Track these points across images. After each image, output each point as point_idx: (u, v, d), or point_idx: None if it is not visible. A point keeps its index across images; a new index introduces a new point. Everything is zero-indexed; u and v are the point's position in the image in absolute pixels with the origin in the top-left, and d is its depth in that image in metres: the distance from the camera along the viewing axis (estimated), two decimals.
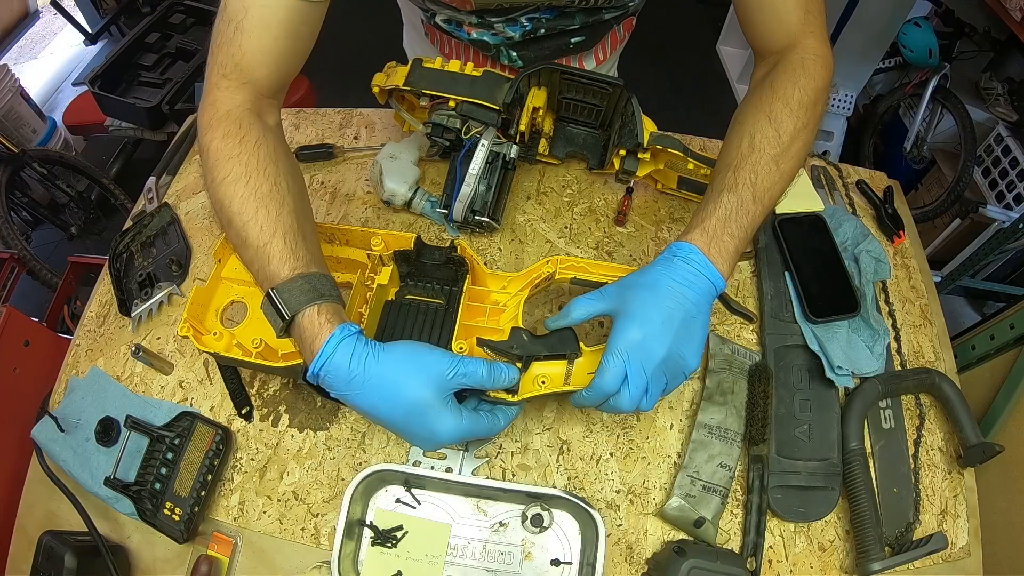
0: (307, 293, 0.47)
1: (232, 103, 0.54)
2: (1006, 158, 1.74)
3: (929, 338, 0.72)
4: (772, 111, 0.55)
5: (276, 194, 0.51)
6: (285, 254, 0.49)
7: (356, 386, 0.46)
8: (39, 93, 2.46)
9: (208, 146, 0.52)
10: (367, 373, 0.46)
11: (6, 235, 1.61)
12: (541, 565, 0.55)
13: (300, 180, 0.56)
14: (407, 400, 0.47)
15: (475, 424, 0.50)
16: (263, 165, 0.51)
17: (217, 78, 0.54)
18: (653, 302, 0.49)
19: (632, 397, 0.48)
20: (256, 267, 0.50)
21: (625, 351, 0.48)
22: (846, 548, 0.59)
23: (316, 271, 0.49)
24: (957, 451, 0.64)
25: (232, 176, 0.50)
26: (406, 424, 0.48)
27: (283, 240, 0.49)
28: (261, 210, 0.49)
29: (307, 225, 0.53)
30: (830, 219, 0.74)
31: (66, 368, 0.70)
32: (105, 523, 0.60)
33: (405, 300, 0.64)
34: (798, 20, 0.58)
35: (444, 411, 0.48)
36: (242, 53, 0.53)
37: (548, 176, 0.81)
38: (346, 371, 0.46)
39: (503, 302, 0.63)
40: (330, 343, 0.46)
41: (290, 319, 0.47)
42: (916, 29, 1.84)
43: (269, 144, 0.53)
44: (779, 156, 0.53)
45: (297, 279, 0.48)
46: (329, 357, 0.46)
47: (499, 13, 0.68)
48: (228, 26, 0.53)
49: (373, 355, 0.47)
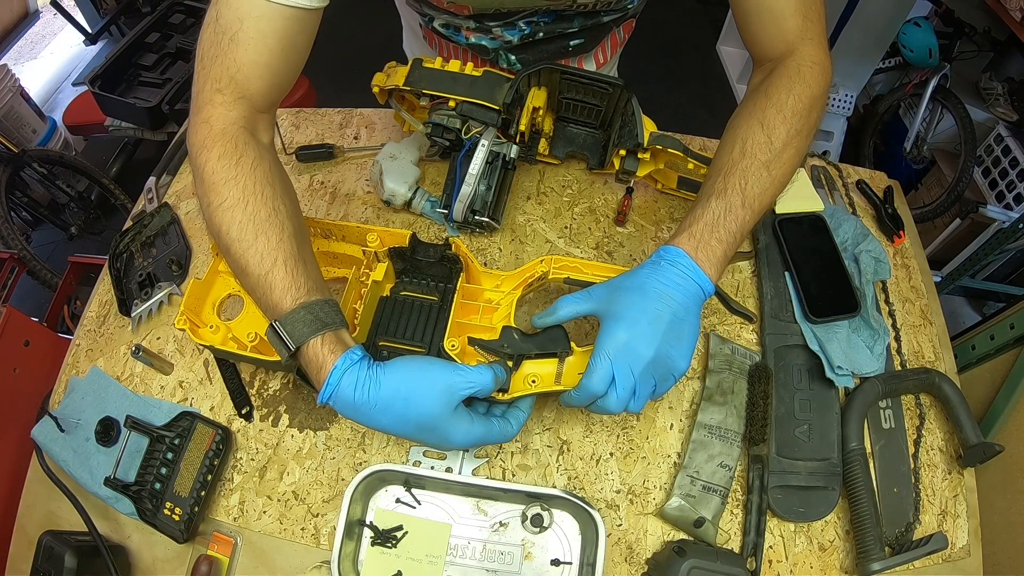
0: (310, 324, 0.48)
1: (227, 120, 0.53)
2: (1006, 158, 1.74)
3: (929, 338, 0.72)
4: (765, 117, 0.55)
5: (275, 219, 0.50)
6: (287, 283, 0.49)
7: (364, 411, 0.47)
8: (39, 93, 2.46)
9: (203, 168, 0.51)
10: (372, 399, 0.47)
11: (6, 235, 1.61)
12: (541, 565, 0.55)
13: (294, 198, 0.55)
14: (415, 418, 0.48)
15: (488, 429, 0.51)
16: (260, 188, 0.51)
17: (211, 93, 0.53)
18: (640, 304, 0.49)
19: (620, 399, 0.48)
20: (258, 295, 0.50)
21: (612, 352, 0.48)
22: (846, 548, 0.59)
23: (318, 298, 0.49)
24: (957, 451, 0.64)
25: (229, 201, 0.50)
26: (419, 437, 0.49)
27: (284, 268, 0.49)
28: (260, 237, 0.49)
29: (306, 248, 0.53)
30: (830, 219, 0.74)
31: (66, 368, 0.70)
32: (105, 523, 0.60)
33: (400, 296, 0.64)
34: (796, 27, 0.58)
35: (455, 420, 0.49)
36: (238, 66, 0.52)
37: (548, 176, 0.81)
38: (352, 400, 0.47)
39: (496, 300, 0.63)
40: (334, 375, 0.46)
41: (295, 350, 0.48)
42: (916, 29, 1.84)
43: (265, 164, 0.53)
44: (770, 162, 0.53)
45: (299, 310, 0.48)
46: (335, 388, 0.47)
47: (497, 17, 0.68)
48: (222, 38, 0.51)
49: (376, 381, 0.47)
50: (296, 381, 0.66)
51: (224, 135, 0.52)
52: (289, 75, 0.56)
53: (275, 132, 0.61)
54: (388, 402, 0.47)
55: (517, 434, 0.54)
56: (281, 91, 0.57)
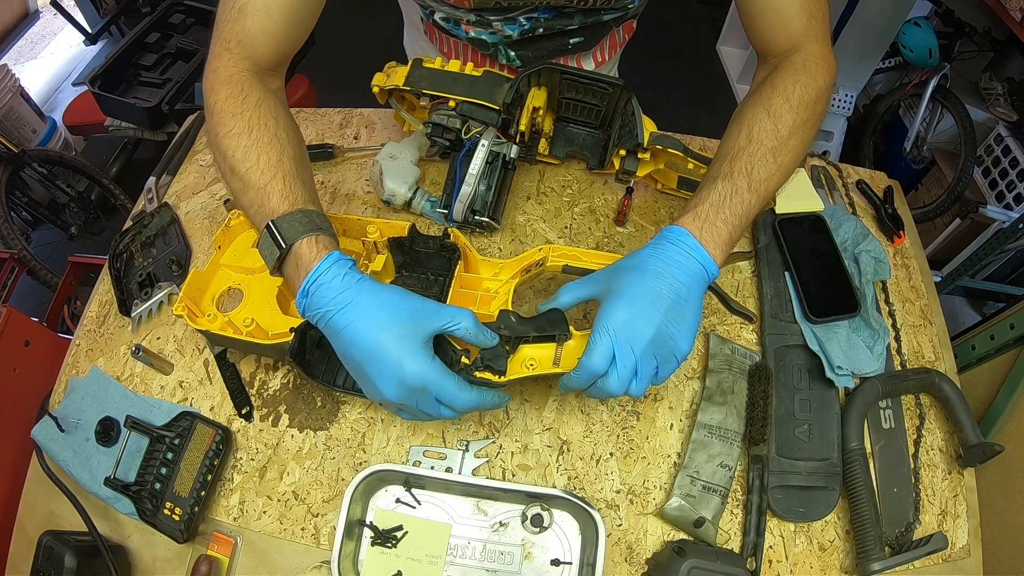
0: (305, 225, 0.50)
1: (235, 69, 0.57)
2: (1006, 158, 1.74)
3: (929, 338, 0.72)
4: (772, 106, 0.55)
5: (276, 143, 0.54)
6: (284, 192, 0.51)
7: (339, 304, 0.47)
8: (39, 93, 2.46)
9: (213, 106, 0.55)
10: (353, 294, 0.47)
11: (6, 235, 1.61)
12: (541, 565, 0.55)
13: (299, 135, 0.59)
14: (385, 324, 0.46)
15: (443, 376, 0.47)
16: (264, 120, 0.54)
17: (220, 49, 0.57)
18: (640, 281, 0.48)
19: (621, 377, 0.47)
20: (256, 207, 0.52)
21: (612, 329, 0.47)
22: (846, 548, 0.59)
23: (313, 208, 0.52)
24: (957, 451, 0.64)
25: (236, 130, 0.53)
26: (376, 353, 0.46)
27: (283, 181, 0.52)
28: (263, 157, 0.52)
29: (305, 172, 0.56)
30: (830, 219, 0.74)
31: (66, 368, 0.70)
32: (105, 523, 0.60)
33: None
34: (801, 24, 0.59)
35: (419, 347, 0.47)
36: (245, 32, 0.57)
37: (548, 176, 0.81)
38: (335, 288, 0.47)
39: (494, 289, 0.63)
40: (325, 262, 0.48)
41: (287, 248, 0.49)
42: (916, 29, 1.84)
43: (270, 103, 0.56)
44: (776, 149, 0.53)
45: (296, 212, 0.50)
46: (322, 273, 0.48)
47: (497, 12, 0.68)
48: (232, 7, 0.56)
49: (363, 279, 0.48)
50: (296, 381, 0.66)
51: (232, 79, 0.56)
52: (294, 42, 0.60)
53: None
54: (366, 304, 0.47)
55: (473, 408, 0.50)
56: (287, 55, 0.61)
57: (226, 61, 0.57)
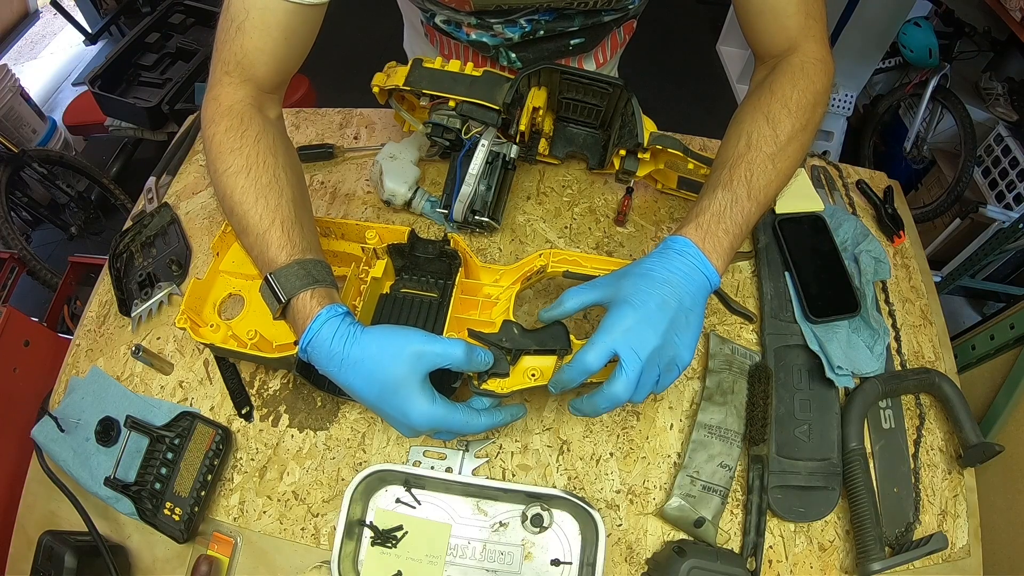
0: (302, 278, 0.50)
1: (234, 98, 0.56)
2: (1006, 158, 1.74)
3: (929, 338, 0.72)
4: (770, 111, 0.55)
5: (275, 185, 0.53)
6: (282, 241, 0.51)
7: (336, 363, 0.48)
8: (39, 93, 2.46)
9: (212, 139, 0.55)
10: (346, 351, 0.48)
11: (6, 235, 1.61)
12: (541, 565, 0.55)
13: (299, 172, 0.58)
14: (381, 378, 0.48)
15: (449, 413, 0.49)
16: (263, 158, 0.54)
17: (220, 74, 0.57)
18: (647, 289, 0.48)
19: (628, 380, 0.46)
20: (256, 253, 0.53)
21: (618, 334, 0.47)
22: (846, 548, 0.59)
23: (312, 257, 0.52)
24: (957, 451, 0.64)
25: (234, 168, 0.53)
26: (380, 403, 0.49)
27: (281, 228, 0.52)
28: (261, 200, 0.52)
29: (304, 214, 0.56)
30: (830, 219, 0.74)
31: (66, 368, 0.70)
32: (105, 523, 0.60)
33: (400, 294, 0.64)
34: (798, 24, 0.59)
35: (417, 393, 0.48)
36: (243, 52, 0.56)
37: (548, 176, 0.81)
38: (328, 349, 0.48)
39: (495, 295, 0.63)
40: (316, 322, 0.48)
41: (286, 302, 0.50)
42: (916, 29, 1.84)
43: (269, 138, 0.56)
44: (775, 155, 0.54)
45: (293, 265, 0.50)
46: (315, 335, 0.48)
47: (498, 14, 0.68)
48: (230, 26, 0.55)
49: (354, 335, 0.49)
50: (296, 381, 0.66)
51: (231, 111, 0.55)
52: (293, 61, 0.60)
53: None
54: (360, 358, 0.48)
55: (484, 431, 0.53)
56: (286, 75, 0.61)
57: (227, 87, 0.56)
